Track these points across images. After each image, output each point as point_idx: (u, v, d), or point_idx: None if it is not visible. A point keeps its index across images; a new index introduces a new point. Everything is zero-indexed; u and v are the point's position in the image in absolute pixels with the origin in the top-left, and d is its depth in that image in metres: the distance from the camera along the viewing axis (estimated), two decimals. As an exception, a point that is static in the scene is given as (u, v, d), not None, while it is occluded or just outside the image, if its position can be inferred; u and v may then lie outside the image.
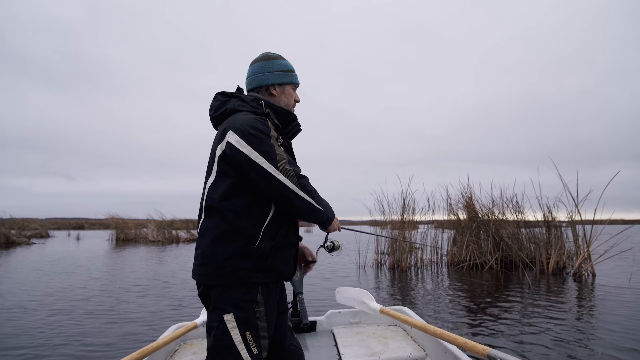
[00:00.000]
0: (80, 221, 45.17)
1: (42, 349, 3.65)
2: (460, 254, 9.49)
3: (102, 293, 6.39)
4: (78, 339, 3.90)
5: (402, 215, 9.82)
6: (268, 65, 1.65)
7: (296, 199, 1.44)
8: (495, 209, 9.93)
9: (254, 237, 1.42)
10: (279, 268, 1.50)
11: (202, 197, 1.53)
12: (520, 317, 4.56)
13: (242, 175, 1.42)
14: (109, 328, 4.30)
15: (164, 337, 2.26)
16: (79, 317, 4.80)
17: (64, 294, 6.27)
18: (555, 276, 7.88)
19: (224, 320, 1.39)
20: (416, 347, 2.57)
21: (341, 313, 3.17)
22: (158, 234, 21.72)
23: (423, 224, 10.36)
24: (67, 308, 5.28)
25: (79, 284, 7.32)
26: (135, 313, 4.98)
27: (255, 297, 1.42)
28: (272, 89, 1.65)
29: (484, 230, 9.64)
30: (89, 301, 5.74)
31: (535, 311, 4.88)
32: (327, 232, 1.72)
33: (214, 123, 1.65)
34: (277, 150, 1.43)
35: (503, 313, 4.79)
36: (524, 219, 9.67)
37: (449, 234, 10.38)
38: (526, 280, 7.24)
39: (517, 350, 3.45)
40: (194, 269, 1.48)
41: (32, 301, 5.75)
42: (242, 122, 1.44)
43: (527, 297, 5.74)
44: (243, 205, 1.43)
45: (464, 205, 10.26)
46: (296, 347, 1.73)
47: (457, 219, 10.30)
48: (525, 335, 3.86)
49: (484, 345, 1.65)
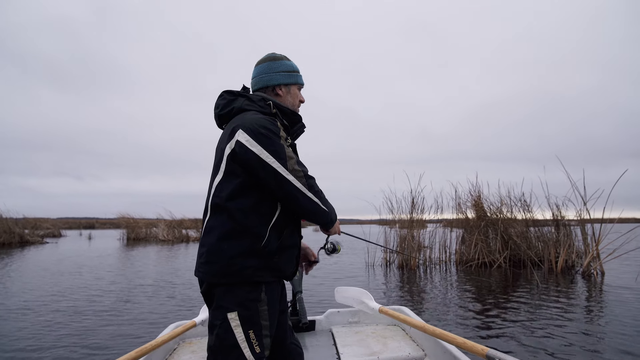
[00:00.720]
0: (91, 221, 45.68)
1: (40, 349, 3.75)
2: (469, 253, 9.53)
3: (111, 291, 6.57)
4: (83, 337, 4.03)
5: (410, 214, 9.86)
6: (274, 66, 1.66)
7: (304, 199, 1.46)
8: (503, 208, 9.96)
9: (260, 235, 1.42)
10: (283, 267, 1.51)
11: (208, 195, 1.53)
12: (529, 316, 4.60)
13: (251, 175, 1.42)
14: (119, 325, 4.44)
15: (163, 336, 2.26)
16: (93, 313, 4.96)
17: (82, 292, 6.46)
18: (564, 274, 7.90)
19: (227, 319, 1.39)
20: (415, 347, 2.57)
21: (340, 312, 3.16)
22: (168, 233, 22.03)
23: (431, 223, 10.40)
24: (83, 305, 5.45)
25: (93, 282, 7.50)
26: (144, 311, 5.13)
27: (259, 296, 1.42)
28: (278, 89, 1.66)
29: (492, 229, 9.66)
30: (102, 298, 5.91)
31: (544, 310, 4.93)
32: (328, 234, 1.74)
33: (219, 121, 1.66)
34: (286, 151, 1.44)
35: (511, 312, 4.85)
36: (533, 218, 9.68)
37: (458, 232, 10.41)
38: (535, 279, 7.28)
39: (527, 350, 3.46)
40: (198, 267, 1.47)
41: (52, 295, 5.94)
42: (252, 122, 1.44)
43: (536, 296, 5.79)
44: (250, 204, 1.43)
45: (472, 204, 10.30)
46: (296, 346, 1.74)
47: (465, 217, 10.34)
48: (533, 335, 3.89)
49: (482, 346, 1.66)
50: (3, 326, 4.42)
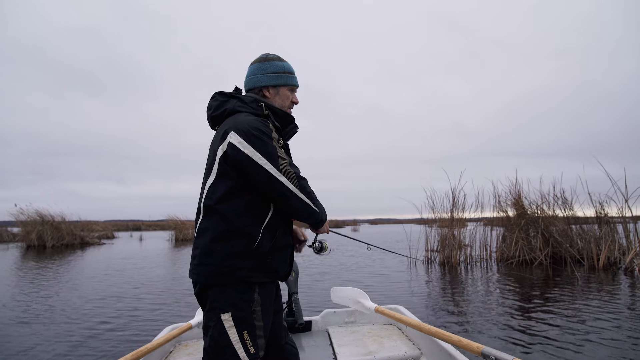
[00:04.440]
0: (137, 223, 47.60)
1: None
2: (510, 250, 9.67)
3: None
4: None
5: (451, 213, 10.05)
6: (263, 67, 1.65)
7: (296, 200, 1.48)
8: (544, 206, 9.99)
9: (253, 236, 1.43)
10: (277, 268, 1.52)
11: (200, 197, 1.53)
12: (570, 312, 4.74)
13: (243, 176, 1.44)
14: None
15: (158, 338, 2.26)
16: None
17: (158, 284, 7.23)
18: (606, 271, 8.00)
19: (221, 320, 1.40)
20: (411, 346, 2.58)
21: (336, 312, 3.16)
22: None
23: (472, 222, 10.59)
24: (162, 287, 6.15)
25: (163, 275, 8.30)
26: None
27: (252, 297, 1.43)
28: (265, 91, 1.65)
29: (533, 227, 9.75)
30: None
31: (585, 305, 5.12)
32: (317, 233, 1.77)
33: (212, 123, 1.66)
34: (278, 152, 1.45)
35: (553, 308, 4.99)
36: (574, 215, 9.69)
37: (498, 231, 10.52)
38: (576, 275, 7.44)
39: (569, 347, 3.44)
40: (192, 269, 1.48)
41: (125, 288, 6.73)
42: (244, 123, 1.44)
43: (578, 292, 5.98)
44: (243, 205, 1.44)
45: (512, 202, 10.36)
46: (291, 346, 1.75)
47: (506, 216, 10.41)
48: (576, 331, 3.96)
49: (477, 343, 1.68)
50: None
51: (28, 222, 18.78)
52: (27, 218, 18.90)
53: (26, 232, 18.52)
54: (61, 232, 19.05)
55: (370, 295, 2.90)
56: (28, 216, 18.92)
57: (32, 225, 18.58)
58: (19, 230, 20.03)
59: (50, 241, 18.26)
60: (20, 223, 19.09)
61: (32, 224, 18.65)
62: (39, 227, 18.42)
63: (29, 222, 18.76)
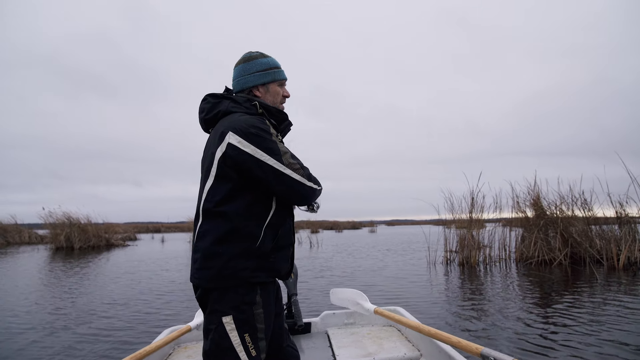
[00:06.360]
0: (157, 225, 48.12)
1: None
2: (529, 251, 9.73)
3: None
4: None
5: (470, 214, 10.16)
6: (247, 67, 1.63)
7: (305, 189, 1.49)
8: (563, 206, 10.00)
9: (255, 236, 1.43)
10: (279, 267, 1.51)
11: (199, 201, 1.51)
12: (590, 313, 4.73)
13: (246, 175, 1.42)
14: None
15: (157, 341, 2.26)
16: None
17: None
18: (626, 271, 8.03)
19: (222, 323, 1.38)
20: (410, 347, 2.58)
21: (336, 314, 3.16)
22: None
23: (490, 222, 10.64)
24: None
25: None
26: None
27: (254, 299, 1.42)
28: (255, 91, 1.63)
29: (552, 228, 9.79)
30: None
31: (605, 305, 5.20)
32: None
33: (205, 125, 1.64)
34: (280, 146, 1.45)
35: (572, 308, 5.01)
36: (594, 216, 9.68)
37: (517, 231, 10.56)
38: (595, 275, 7.49)
39: (591, 350, 3.37)
40: (193, 273, 1.46)
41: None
42: (240, 123, 1.43)
43: (597, 292, 6.04)
44: (244, 206, 1.43)
45: (531, 203, 10.40)
46: (292, 349, 1.73)
47: (525, 217, 10.44)
48: (597, 332, 3.91)
49: (477, 345, 1.68)
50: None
51: (57, 224, 19.44)
52: (55, 220, 19.58)
53: (55, 234, 19.17)
54: (87, 234, 19.62)
55: (384, 297, 2.99)
56: (56, 218, 19.60)
57: (60, 227, 19.22)
58: (46, 233, 20.71)
59: (78, 243, 18.84)
60: (49, 225, 19.77)
61: (60, 226, 19.29)
62: (67, 230, 19.06)
63: (57, 225, 19.41)
